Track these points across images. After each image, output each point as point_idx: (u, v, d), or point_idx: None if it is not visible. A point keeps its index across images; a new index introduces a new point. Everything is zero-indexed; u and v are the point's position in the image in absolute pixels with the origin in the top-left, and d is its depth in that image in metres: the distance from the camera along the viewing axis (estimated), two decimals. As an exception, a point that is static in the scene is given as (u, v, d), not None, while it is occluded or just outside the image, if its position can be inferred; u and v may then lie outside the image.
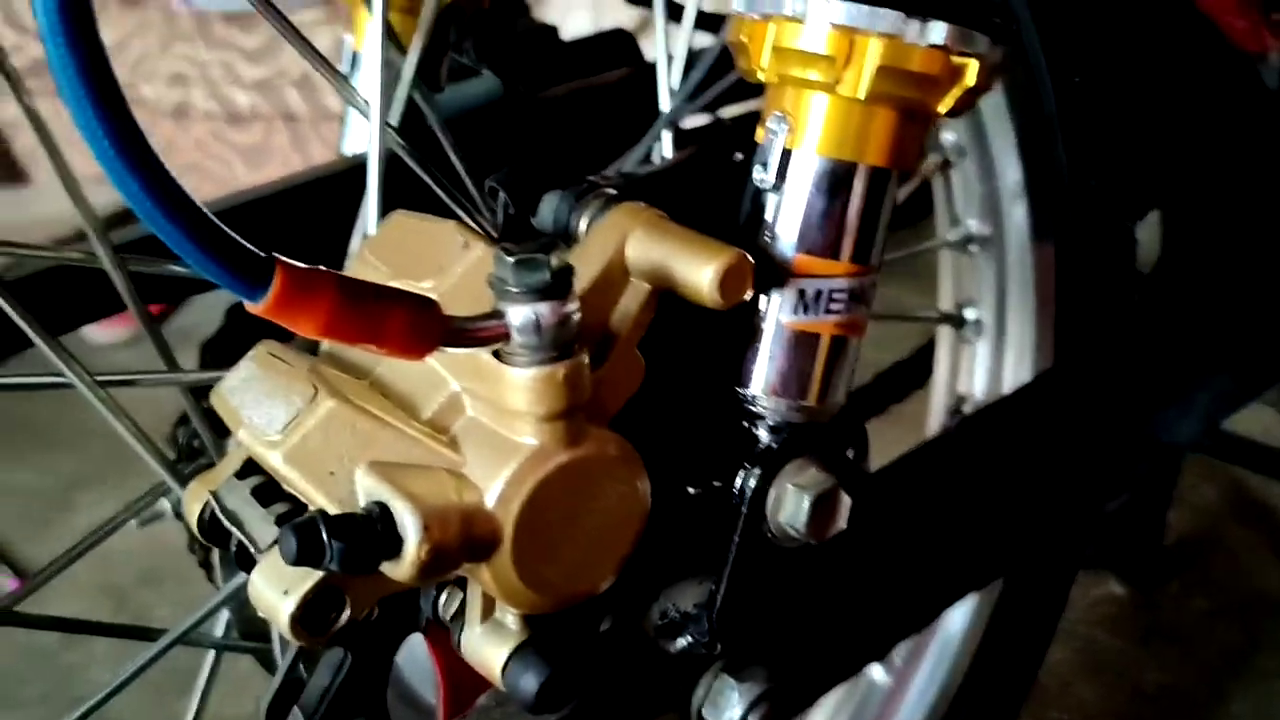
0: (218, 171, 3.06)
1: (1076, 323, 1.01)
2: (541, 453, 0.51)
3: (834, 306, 0.57)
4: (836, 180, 0.56)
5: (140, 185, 0.39)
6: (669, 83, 0.75)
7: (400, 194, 0.67)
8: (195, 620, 0.66)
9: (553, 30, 1.08)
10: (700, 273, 0.53)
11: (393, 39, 0.71)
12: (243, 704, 0.76)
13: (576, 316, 0.50)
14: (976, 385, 1.07)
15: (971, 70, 0.53)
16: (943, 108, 0.54)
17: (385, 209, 0.65)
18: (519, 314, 0.49)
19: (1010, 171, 0.96)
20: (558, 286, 0.49)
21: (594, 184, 0.59)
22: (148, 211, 0.40)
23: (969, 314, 1.04)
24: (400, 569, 0.49)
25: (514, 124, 0.98)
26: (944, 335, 1.08)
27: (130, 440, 0.62)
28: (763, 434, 0.59)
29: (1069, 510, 0.91)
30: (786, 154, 0.56)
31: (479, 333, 0.49)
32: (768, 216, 0.57)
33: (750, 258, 0.53)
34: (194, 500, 0.59)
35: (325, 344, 0.58)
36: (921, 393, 1.20)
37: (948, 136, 0.98)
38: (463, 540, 0.50)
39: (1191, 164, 1.07)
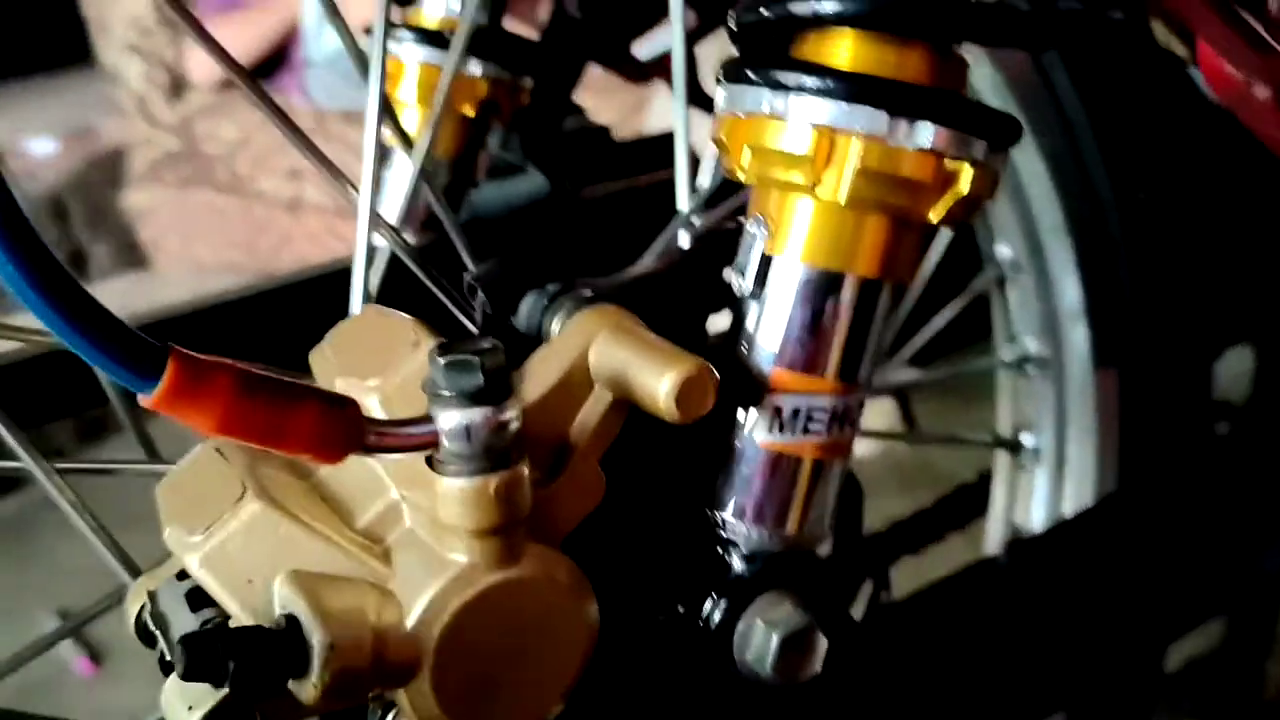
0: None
1: (1144, 453, 0.94)
2: (470, 572, 0.47)
3: (814, 427, 0.52)
4: (820, 290, 0.51)
5: (16, 266, 0.37)
6: (688, 182, 0.71)
7: (407, 292, 0.65)
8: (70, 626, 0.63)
9: (605, 131, 1.06)
10: (657, 382, 0.49)
11: (400, 133, 0.69)
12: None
13: (515, 424, 0.46)
14: (1034, 516, 1.00)
15: (965, 176, 0.49)
16: (935, 216, 0.49)
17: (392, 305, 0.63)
18: (449, 419, 0.45)
19: (1069, 290, 0.91)
20: (492, 391, 0.45)
21: (570, 285, 0.56)
22: (24, 293, 0.37)
23: (1026, 440, 0.98)
24: (306, 690, 0.45)
25: (555, 222, 0.96)
26: (1001, 461, 1.02)
27: (83, 529, 0.60)
28: (736, 562, 0.55)
29: (1133, 652, 0.83)
30: (767, 260, 0.52)
31: (405, 438, 0.45)
32: (747, 326, 0.53)
33: (713, 369, 0.49)
34: (134, 598, 0.56)
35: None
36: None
37: (1003, 251, 0.92)
38: (376, 663, 0.46)
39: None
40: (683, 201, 0.72)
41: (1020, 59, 0.85)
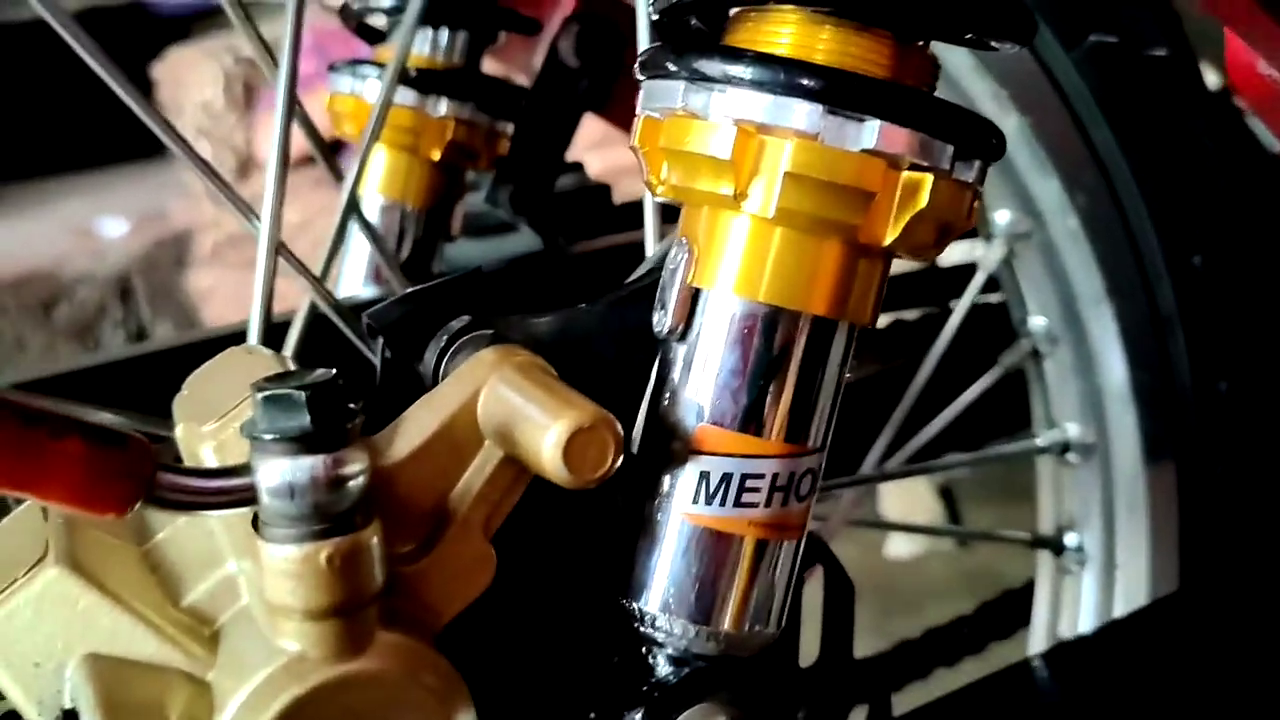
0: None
1: (1208, 556, 0.82)
2: (297, 664, 0.38)
3: (749, 498, 0.42)
4: (758, 330, 0.42)
5: None
6: (656, 233, 0.63)
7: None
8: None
9: (605, 189, 0.99)
10: (542, 434, 0.39)
11: (331, 165, 0.62)
12: None
13: (358, 479, 0.37)
14: (1082, 625, 0.87)
15: (925, 188, 0.39)
16: (889, 238, 0.40)
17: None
18: (270, 470, 0.37)
19: (1113, 368, 0.80)
20: (325, 435, 0.37)
21: (474, 324, 0.47)
22: None
23: (1070, 539, 0.86)
24: (80, 807, 0.36)
25: (545, 278, 0.88)
26: (1043, 563, 0.90)
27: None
28: (661, 665, 0.45)
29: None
30: (692, 293, 0.43)
31: (208, 492, 0.37)
32: (672, 374, 0.44)
33: (614, 422, 0.39)
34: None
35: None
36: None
37: (1036, 321, 0.82)
38: (171, 774, 0.37)
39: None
40: (650, 243, 0.63)
41: (1054, 110, 0.76)
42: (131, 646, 0.39)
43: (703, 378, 0.43)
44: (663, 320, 0.43)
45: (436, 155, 0.78)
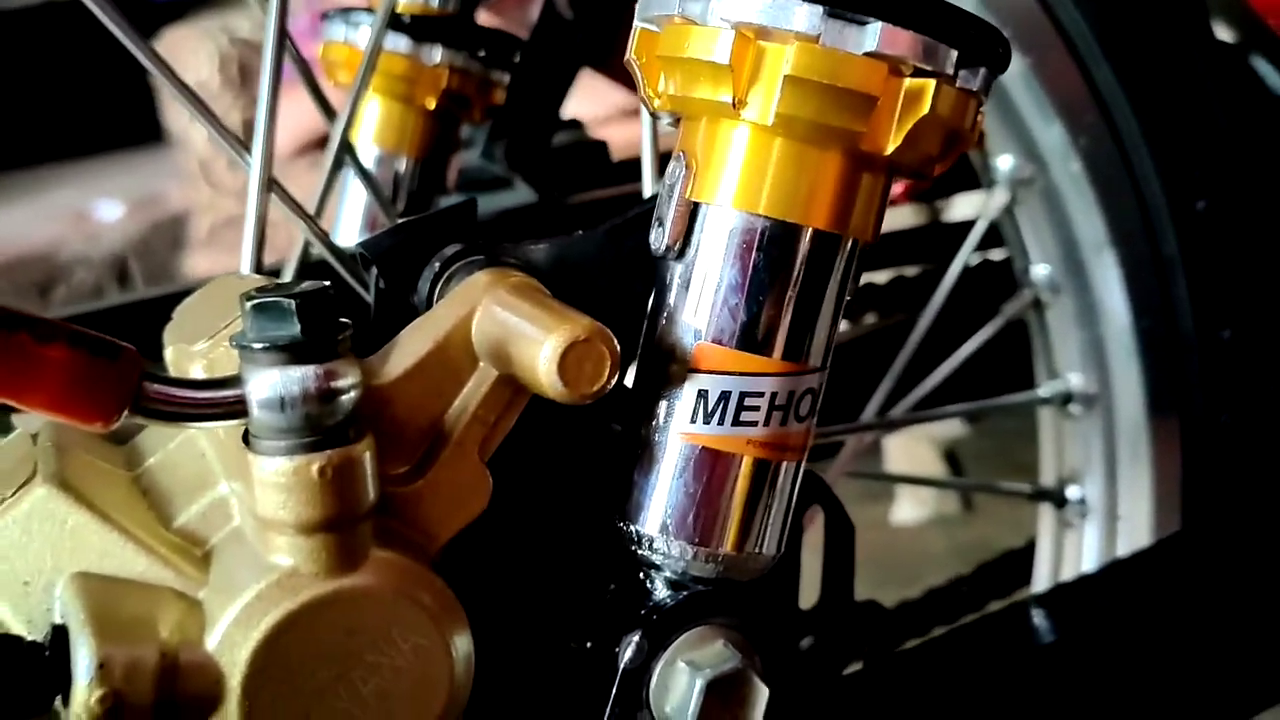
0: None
1: (1211, 506, 0.81)
2: (289, 579, 0.37)
3: (748, 416, 0.41)
4: (758, 244, 0.41)
5: None
6: (653, 168, 0.62)
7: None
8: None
9: (602, 146, 0.98)
10: (537, 349, 0.39)
11: (322, 102, 0.61)
12: None
13: (350, 391, 0.37)
14: (1084, 580, 0.86)
15: (927, 94, 0.38)
16: (890, 146, 0.39)
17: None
18: (261, 380, 0.36)
19: (1117, 316, 0.79)
20: (315, 345, 0.36)
21: (468, 250, 0.46)
22: None
23: (1072, 491, 0.85)
24: (71, 717, 0.35)
25: (540, 230, 0.87)
26: (1045, 516, 0.89)
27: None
28: (659, 588, 0.44)
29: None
30: (691, 207, 0.42)
31: (195, 402, 0.36)
32: (669, 293, 0.43)
33: (610, 335, 0.39)
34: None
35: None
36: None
37: (1038, 269, 0.81)
38: (162, 688, 0.36)
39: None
40: (648, 188, 0.62)
41: (1056, 49, 0.75)
42: (122, 565, 0.39)
43: (701, 295, 0.42)
44: (660, 237, 0.43)
45: (431, 104, 0.77)
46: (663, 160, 0.61)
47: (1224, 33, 0.86)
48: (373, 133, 0.79)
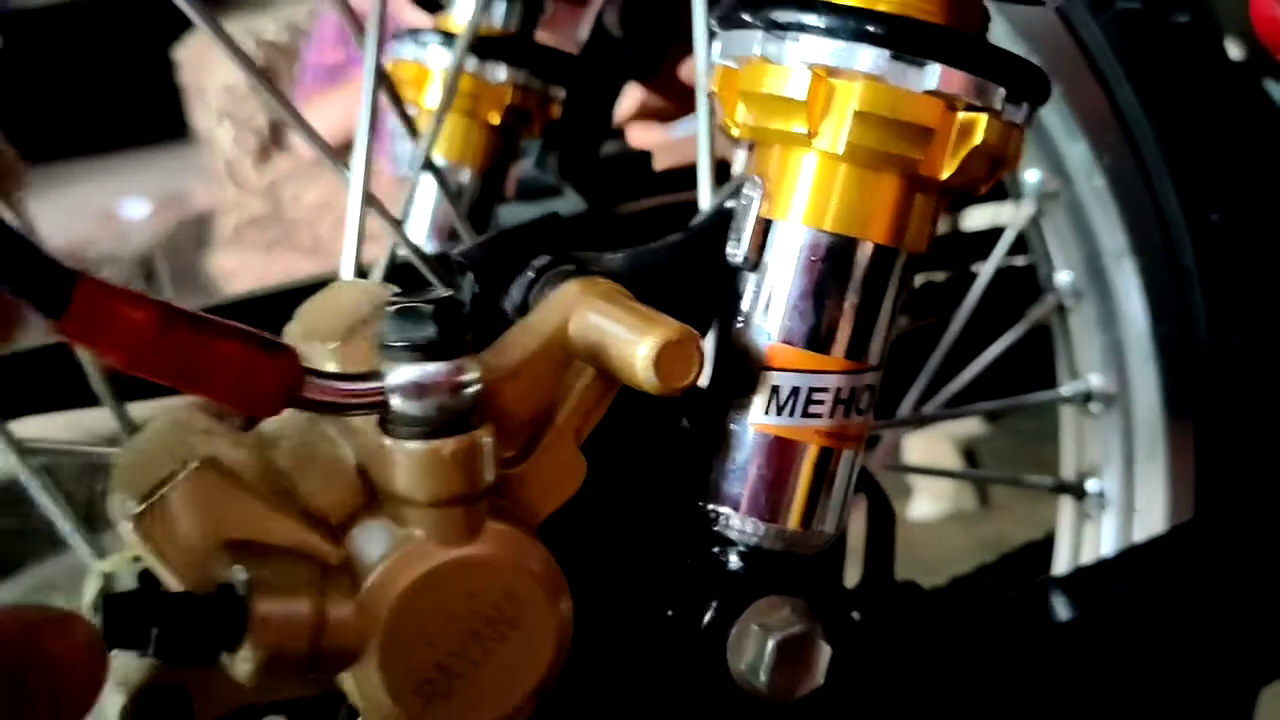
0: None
1: (1220, 501, 0.86)
2: (423, 546, 0.43)
3: (815, 409, 0.47)
4: (824, 257, 0.47)
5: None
6: (708, 184, 0.67)
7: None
8: None
9: (646, 155, 1.03)
10: (634, 348, 0.44)
11: (405, 118, 0.66)
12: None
13: (473, 385, 0.42)
14: (1102, 569, 0.92)
15: (980, 127, 0.44)
16: (946, 172, 0.45)
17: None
18: (399, 375, 0.41)
19: (1136, 321, 0.84)
20: (447, 345, 0.41)
21: (560, 259, 0.52)
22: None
23: (1091, 485, 0.90)
24: (236, 665, 0.41)
25: (590, 239, 0.93)
26: (1065, 509, 0.94)
27: (49, 510, 0.57)
28: (733, 560, 0.49)
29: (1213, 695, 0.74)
30: (764, 224, 0.47)
31: (347, 393, 0.41)
32: (743, 301, 0.49)
33: (697, 335, 0.44)
34: (92, 582, 0.53)
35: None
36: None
37: (1062, 276, 0.86)
38: (314, 640, 0.42)
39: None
40: (704, 200, 0.68)
41: (1082, 74, 0.80)
42: (269, 535, 0.44)
43: (773, 301, 0.47)
44: (736, 251, 0.48)
45: (495, 119, 0.83)
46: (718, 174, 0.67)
47: (1236, 51, 0.91)
48: (439, 145, 0.84)
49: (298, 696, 0.49)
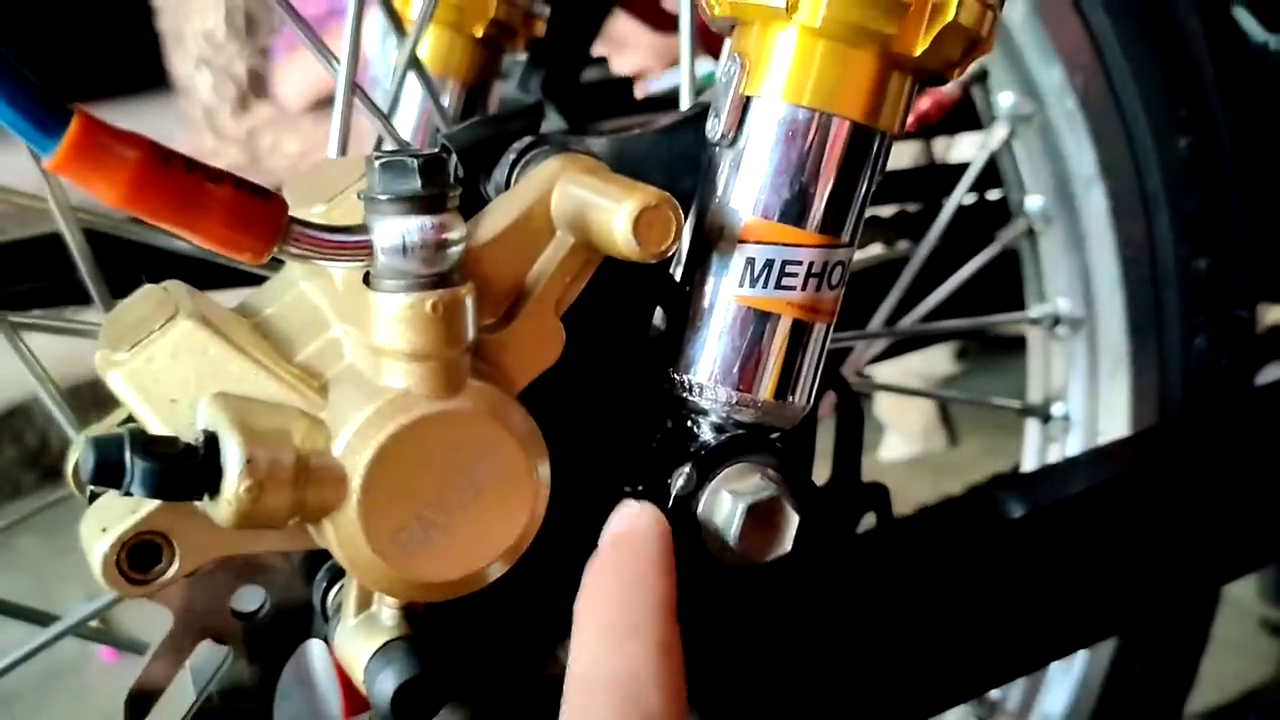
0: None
1: (1182, 426, 0.88)
2: (403, 398, 0.44)
3: (788, 281, 0.48)
4: (800, 132, 0.48)
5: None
6: (691, 84, 0.68)
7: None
8: (95, 608, 0.60)
9: (628, 82, 1.04)
10: (613, 215, 0.45)
11: (391, 16, 0.67)
12: None
13: (457, 242, 0.43)
14: (1065, 492, 0.94)
15: (951, 3, 0.45)
16: (919, 48, 0.46)
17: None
18: (385, 229, 0.42)
19: (1103, 245, 0.86)
20: (431, 200, 0.42)
21: (542, 139, 0.53)
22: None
23: (1056, 408, 0.92)
24: (219, 508, 0.42)
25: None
26: (1031, 431, 0.96)
27: (36, 384, 0.58)
28: (705, 431, 0.51)
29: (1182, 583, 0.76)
30: (743, 101, 0.49)
31: (332, 244, 0.42)
32: (720, 175, 0.50)
33: (675, 202, 0.45)
34: (77, 449, 0.54)
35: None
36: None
37: (1032, 200, 0.88)
38: (296, 485, 0.43)
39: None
40: (686, 101, 0.69)
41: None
42: (255, 388, 0.45)
43: (751, 176, 0.49)
44: (716, 127, 0.49)
45: (480, 32, 0.83)
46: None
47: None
48: (422, 50, 0.84)
49: (275, 550, 0.51)
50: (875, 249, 1.06)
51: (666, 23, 0.99)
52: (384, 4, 0.66)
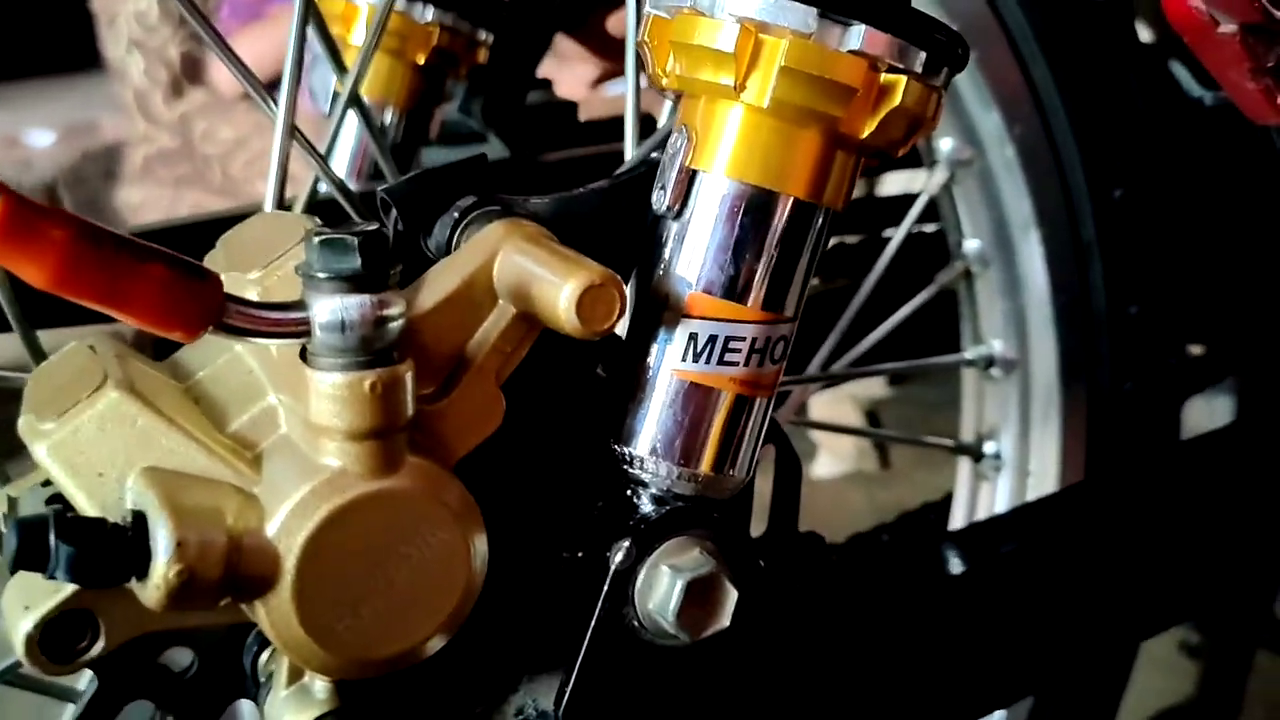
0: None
1: (1109, 467, 0.90)
2: (340, 478, 0.43)
3: (731, 357, 0.48)
4: (745, 208, 0.48)
5: None
6: (635, 137, 0.68)
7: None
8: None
9: (572, 106, 1.03)
10: (558, 290, 0.45)
11: (334, 56, 0.66)
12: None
13: (396, 319, 0.42)
14: (995, 528, 0.95)
15: (899, 88, 0.45)
16: (865, 130, 0.46)
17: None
18: (323, 306, 0.42)
19: (1038, 289, 0.87)
20: (371, 277, 0.42)
21: (484, 200, 0.52)
22: None
23: (988, 446, 0.94)
24: (148, 591, 0.41)
25: (515, 183, 0.93)
26: (963, 469, 0.98)
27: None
28: (645, 503, 0.51)
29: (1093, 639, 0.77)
30: (689, 174, 0.48)
31: (270, 321, 0.42)
32: (665, 248, 0.50)
33: (619, 280, 0.45)
34: (-3, 506, 0.53)
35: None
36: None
37: (970, 244, 0.89)
38: (228, 567, 0.42)
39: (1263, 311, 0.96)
40: (629, 150, 0.68)
41: (998, 45, 0.82)
42: (186, 462, 0.44)
43: (695, 250, 0.49)
44: (661, 199, 0.49)
45: (421, 59, 0.82)
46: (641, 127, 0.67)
47: (1145, 34, 0.94)
48: (364, 83, 0.83)
49: (204, 625, 0.50)
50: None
51: (611, 46, 0.99)
52: (325, 41, 0.65)
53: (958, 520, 1.00)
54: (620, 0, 1.00)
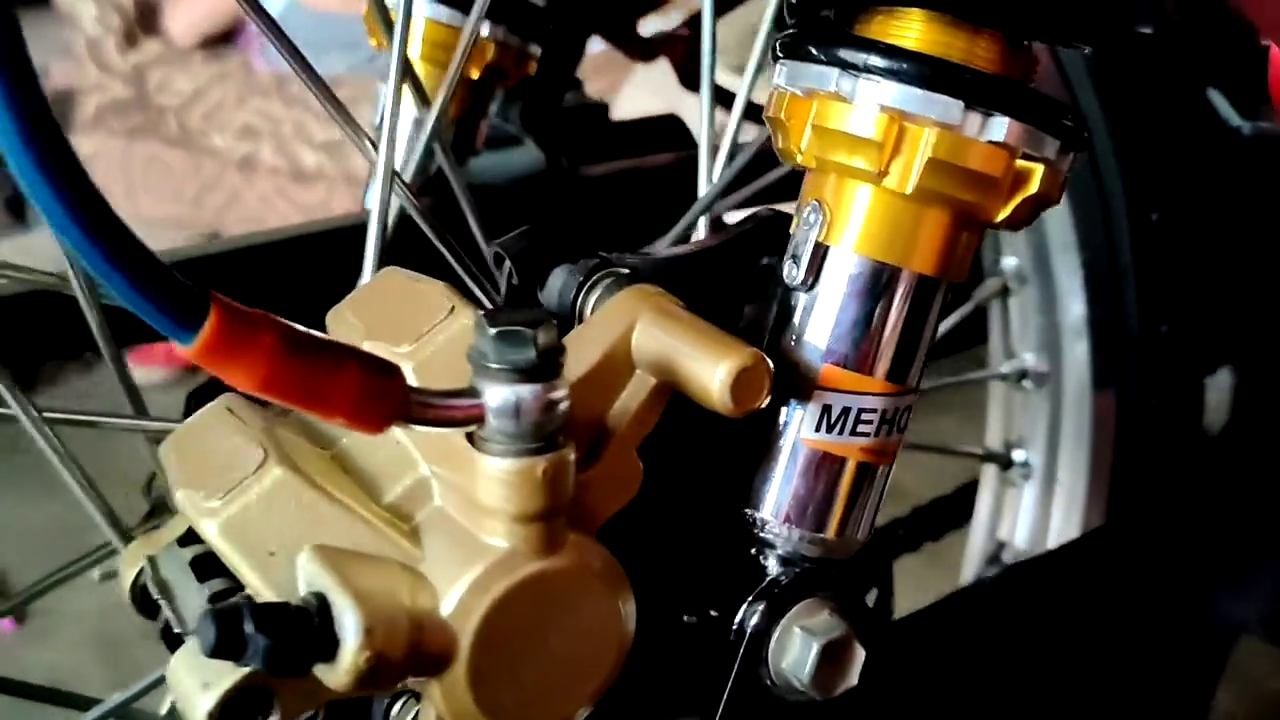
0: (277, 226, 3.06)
1: (1134, 478, 0.93)
2: (511, 558, 0.44)
3: (863, 429, 0.50)
4: (876, 285, 0.49)
5: (58, 198, 0.34)
6: (710, 170, 0.69)
7: (414, 256, 0.62)
8: (132, 694, 0.60)
9: (604, 108, 1.04)
10: (711, 372, 0.46)
11: (419, 92, 0.66)
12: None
13: (565, 405, 0.44)
14: (1019, 533, 0.99)
15: (1036, 176, 0.47)
16: (1000, 216, 0.48)
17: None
18: (497, 394, 0.43)
19: (1073, 307, 0.90)
20: (545, 367, 0.43)
21: (607, 261, 0.53)
22: (66, 228, 0.34)
23: (1017, 455, 0.97)
24: (335, 675, 0.42)
25: (551, 198, 0.94)
26: (988, 475, 1.01)
27: (73, 486, 0.56)
28: (772, 565, 0.52)
29: (1107, 684, 0.82)
30: (821, 249, 0.50)
31: (448, 411, 0.42)
32: (795, 319, 0.51)
33: (769, 361, 0.46)
34: (130, 563, 0.53)
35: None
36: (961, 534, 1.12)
37: (1009, 261, 0.91)
38: (410, 650, 0.43)
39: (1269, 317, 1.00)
40: (703, 186, 0.70)
41: (1049, 77, 0.84)
42: (350, 539, 0.45)
43: (824, 323, 0.50)
44: (794, 273, 0.50)
45: (475, 74, 0.82)
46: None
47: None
48: (412, 95, 0.83)
49: (369, 694, 0.51)
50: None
51: (645, 53, 0.99)
52: (415, 88, 0.65)
53: (980, 522, 1.03)
54: (654, 4, 1.00)
